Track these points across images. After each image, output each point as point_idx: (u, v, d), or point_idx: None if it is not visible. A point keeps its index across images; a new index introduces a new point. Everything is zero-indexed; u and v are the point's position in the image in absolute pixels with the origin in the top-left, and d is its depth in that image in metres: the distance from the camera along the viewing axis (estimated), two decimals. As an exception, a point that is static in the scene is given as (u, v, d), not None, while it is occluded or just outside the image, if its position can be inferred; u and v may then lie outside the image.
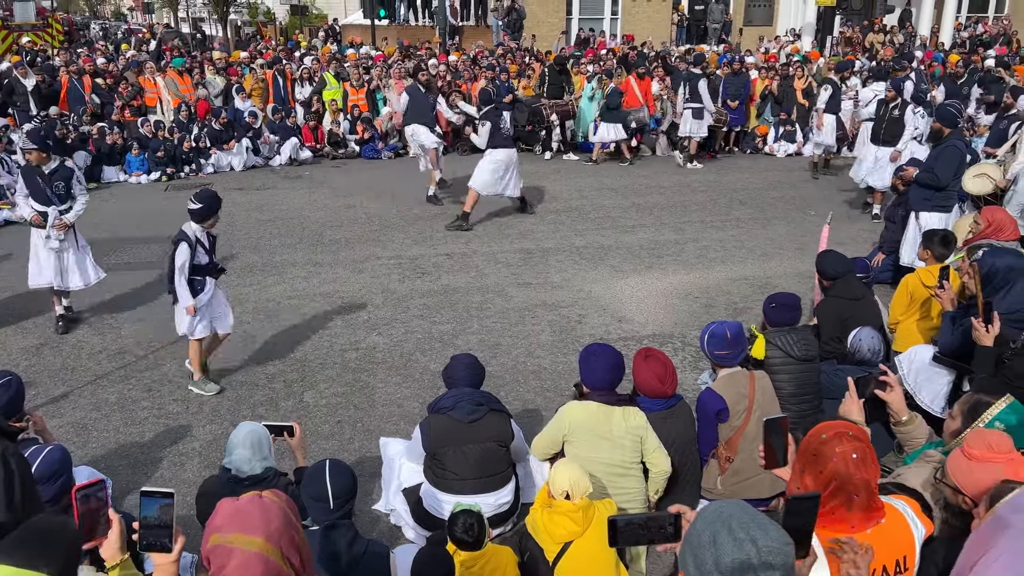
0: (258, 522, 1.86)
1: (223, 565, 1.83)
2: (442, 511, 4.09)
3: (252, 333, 7.00)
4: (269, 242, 9.68)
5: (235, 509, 1.90)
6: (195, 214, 5.74)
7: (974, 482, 2.40)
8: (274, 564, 1.84)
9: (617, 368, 4.12)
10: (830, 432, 2.22)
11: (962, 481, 2.46)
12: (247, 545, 1.83)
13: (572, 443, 4.04)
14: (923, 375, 4.70)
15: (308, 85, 15.35)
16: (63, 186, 6.82)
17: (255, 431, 3.71)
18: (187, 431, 5.46)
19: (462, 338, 6.88)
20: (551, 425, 4.17)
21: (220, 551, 1.85)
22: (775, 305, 4.85)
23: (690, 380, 5.95)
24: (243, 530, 1.85)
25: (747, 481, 4.32)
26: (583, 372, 4.18)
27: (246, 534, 1.85)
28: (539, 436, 4.27)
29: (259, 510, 1.89)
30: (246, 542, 1.84)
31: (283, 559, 1.86)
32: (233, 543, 1.84)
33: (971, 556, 2.15)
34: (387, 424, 5.49)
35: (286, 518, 1.91)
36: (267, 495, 1.96)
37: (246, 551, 1.82)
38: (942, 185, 7.09)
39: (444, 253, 9.19)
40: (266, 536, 1.85)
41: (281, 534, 1.87)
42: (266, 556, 1.84)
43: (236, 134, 13.63)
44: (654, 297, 7.85)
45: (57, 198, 6.80)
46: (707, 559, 1.50)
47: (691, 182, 12.79)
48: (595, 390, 4.11)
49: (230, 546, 1.84)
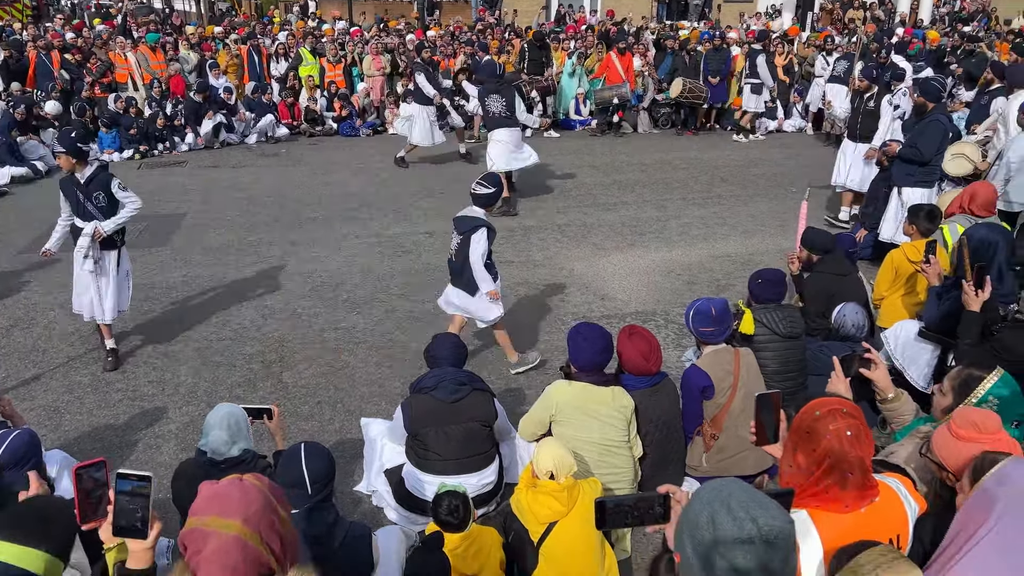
0: (236, 505, 1.78)
1: (199, 549, 1.75)
2: (424, 492, 4.03)
3: (229, 313, 6.87)
4: (245, 221, 9.51)
5: (213, 492, 1.82)
6: (487, 199, 5.48)
7: (958, 460, 2.38)
8: (252, 549, 1.77)
9: (606, 350, 4.06)
10: (824, 409, 2.16)
11: (946, 458, 2.44)
12: (224, 528, 1.75)
13: (560, 422, 3.98)
14: (909, 350, 4.69)
15: (284, 61, 15.06)
16: (103, 196, 5.62)
17: (232, 413, 3.61)
18: (163, 413, 5.34)
19: (445, 317, 6.76)
20: (537, 405, 4.10)
21: (196, 534, 1.77)
22: (761, 281, 4.81)
23: (673, 357, 5.91)
24: (220, 513, 1.77)
25: (732, 458, 4.29)
26: (572, 352, 4.11)
27: (223, 517, 1.77)
28: (525, 417, 4.20)
29: (238, 493, 1.81)
30: (223, 525, 1.76)
31: (262, 544, 1.79)
32: (209, 526, 1.76)
33: (960, 531, 2.12)
34: (368, 404, 5.41)
35: (266, 502, 1.83)
36: (248, 478, 1.88)
37: (223, 535, 1.75)
38: (925, 160, 7.07)
39: (425, 231, 9.07)
40: (244, 519, 1.77)
41: (260, 518, 1.79)
42: (244, 540, 1.76)
43: (211, 110, 13.35)
44: (636, 275, 7.80)
45: (99, 211, 5.62)
46: (705, 540, 1.44)
47: (672, 159, 12.73)
48: (583, 371, 4.05)
49: (207, 529, 1.76)
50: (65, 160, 5.53)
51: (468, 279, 5.49)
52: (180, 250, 8.49)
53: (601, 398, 3.95)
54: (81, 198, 5.59)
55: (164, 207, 10.03)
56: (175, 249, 8.52)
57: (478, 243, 5.38)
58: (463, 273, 5.50)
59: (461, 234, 5.47)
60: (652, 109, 15.11)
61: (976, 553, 2.04)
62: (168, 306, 7.04)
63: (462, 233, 5.46)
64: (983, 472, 2.15)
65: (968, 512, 2.14)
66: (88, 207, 5.59)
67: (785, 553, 1.42)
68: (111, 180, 5.65)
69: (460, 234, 5.48)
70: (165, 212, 9.81)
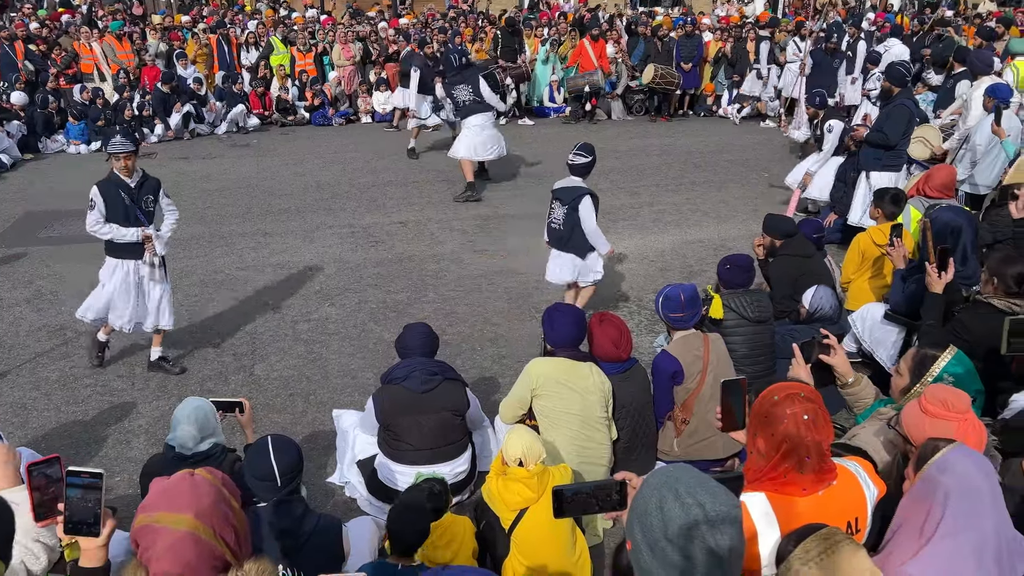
0: (187, 500, 1.76)
1: (149, 546, 1.73)
2: (397, 482, 4.03)
3: (199, 306, 6.80)
4: (216, 212, 9.41)
5: (163, 488, 1.81)
6: (584, 168, 5.70)
7: (923, 435, 2.41)
8: (206, 543, 1.75)
9: (580, 324, 4.14)
10: (782, 394, 2.19)
11: (913, 433, 2.47)
12: (175, 524, 1.74)
13: (541, 396, 4.00)
14: (876, 332, 4.75)
15: (254, 50, 14.87)
16: (152, 200, 5.36)
17: (201, 407, 3.58)
18: (132, 408, 5.29)
19: (417, 307, 6.78)
20: (517, 383, 4.12)
21: (147, 531, 1.75)
22: (729, 266, 4.85)
23: (646, 343, 5.94)
24: (171, 508, 1.75)
25: (703, 442, 4.33)
26: (547, 330, 4.17)
27: (174, 512, 1.75)
28: (505, 400, 4.21)
29: (188, 487, 1.79)
30: (174, 521, 1.74)
31: (216, 537, 1.77)
32: (160, 522, 1.75)
33: (906, 516, 2.17)
34: (341, 396, 5.39)
35: (219, 495, 1.82)
36: (199, 472, 1.86)
37: (174, 530, 1.73)
38: (891, 144, 7.14)
39: (398, 221, 9.03)
40: (196, 514, 1.76)
41: (213, 512, 1.78)
42: (197, 535, 1.75)
43: (180, 101, 13.17)
44: (610, 261, 7.80)
45: (147, 217, 5.33)
46: (654, 526, 1.45)
47: (646, 146, 12.75)
48: (560, 347, 4.08)
49: (157, 526, 1.74)
50: (131, 161, 5.17)
51: (578, 243, 5.81)
52: (150, 243, 8.36)
53: (580, 372, 4.00)
54: (129, 202, 5.23)
55: (133, 200, 9.89)
56: (144, 242, 8.39)
57: (588, 210, 5.68)
58: (572, 239, 5.80)
59: (566, 204, 5.74)
60: (626, 96, 15.12)
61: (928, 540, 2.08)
62: (137, 300, 6.94)
63: (567, 203, 5.74)
64: (926, 460, 2.19)
65: (912, 499, 2.18)
66: (137, 212, 5.28)
67: (732, 537, 1.44)
68: (160, 185, 5.44)
69: (565, 204, 5.76)
70: (134, 205, 9.67)
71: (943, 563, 2.05)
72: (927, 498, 2.13)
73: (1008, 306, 3.85)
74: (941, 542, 2.06)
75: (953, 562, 2.05)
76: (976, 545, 2.05)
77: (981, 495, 2.09)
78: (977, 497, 2.09)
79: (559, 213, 5.81)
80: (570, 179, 5.83)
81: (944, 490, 2.09)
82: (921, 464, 2.18)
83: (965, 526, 2.06)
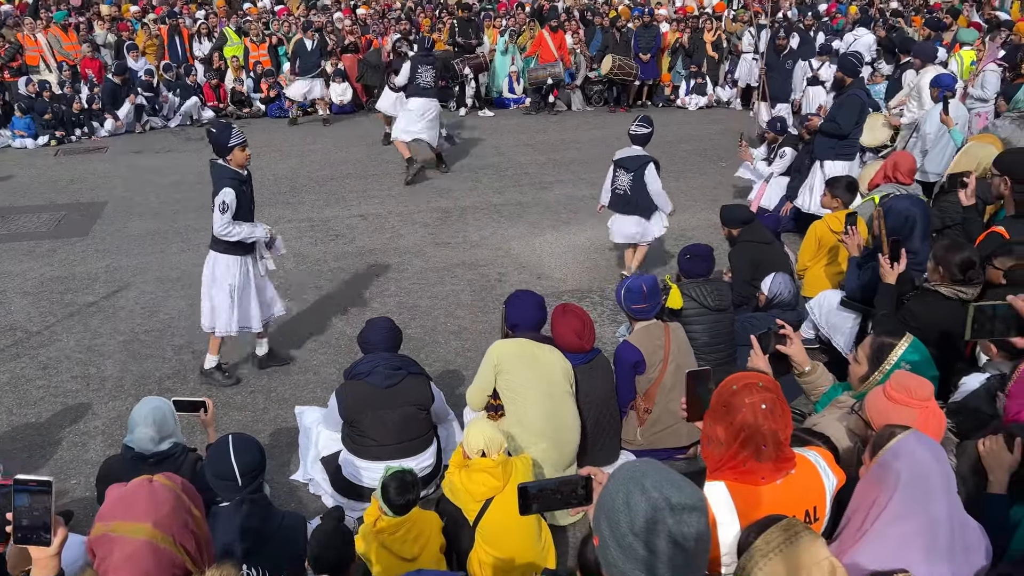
0: (145, 508, 1.72)
1: (106, 556, 1.68)
2: (361, 478, 4.01)
3: (156, 303, 6.67)
4: (171, 207, 9.22)
5: (120, 495, 1.76)
6: (645, 137, 6.31)
7: (886, 422, 2.45)
8: (165, 552, 1.71)
9: (542, 307, 4.20)
10: (740, 383, 2.21)
11: (875, 419, 2.52)
12: (132, 533, 1.69)
13: (504, 372, 4.01)
14: (833, 319, 4.84)
15: (207, 41, 14.57)
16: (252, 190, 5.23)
17: (159, 408, 3.52)
18: (88, 409, 5.17)
19: (379, 301, 6.73)
20: (481, 366, 4.13)
21: (103, 541, 1.70)
22: (689, 256, 4.90)
23: (608, 334, 5.98)
24: (128, 517, 1.71)
25: (666, 430, 4.38)
26: (510, 312, 4.21)
27: (131, 521, 1.71)
28: (471, 386, 4.20)
29: (146, 495, 1.75)
30: (131, 529, 1.70)
31: (175, 545, 1.73)
32: (116, 531, 1.70)
33: (860, 503, 2.22)
34: (303, 392, 5.33)
35: (178, 502, 1.77)
36: (158, 479, 1.82)
37: (132, 540, 1.68)
38: (844, 133, 7.28)
39: (358, 214, 8.95)
40: (154, 522, 1.71)
41: (172, 519, 1.74)
42: (156, 544, 1.70)
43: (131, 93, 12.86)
44: (572, 252, 7.85)
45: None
46: (621, 522, 1.46)
47: (606, 136, 12.78)
48: (521, 329, 4.12)
49: (114, 535, 1.69)
50: (245, 154, 4.96)
51: (645, 206, 6.52)
52: (102, 239, 8.19)
53: (542, 349, 4.04)
54: (248, 196, 5.06)
55: (84, 195, 9.66)
56: (96, 239, 8.22)
57: (653, 175, 6.38)
58: (638, 203, 6.49)
59: (631, 172, 6.45)
60: (585, 87, 15.15)
61: (873, 526, 2.13)
62: (91, 298, 6.79)
63: (632, 171, 6.44)
64: (882, 446, 2.24)
65: (867, 485, 2.23)
66: (251, 205, 5.10)
67: (697, 529, 1.46)
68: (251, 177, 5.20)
69: (630, 172, 6.46)
70: (85, 200, 9.45)
71: (889, 549, 2.09)
72: (879, 484, 2.18)
73: (954, 293, 3.95)
74: (888, 528, 2.11)
75: (899, 548, 2.09)
76: (924, 531, 2.09)
77: (932, 480, 2.14)
78: (928, 483, 2.13)
79: (624, 180, 6.50)
80: (632, 148, 6.58)
81: (895, 475, 2.14)
82: (877, 450, 2.23)
83: (913, 511, 2.10)
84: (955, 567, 2.14)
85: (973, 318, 2.14)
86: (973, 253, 3.99)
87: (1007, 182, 4.34)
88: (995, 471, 2.53)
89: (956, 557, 2.15)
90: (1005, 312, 2.14)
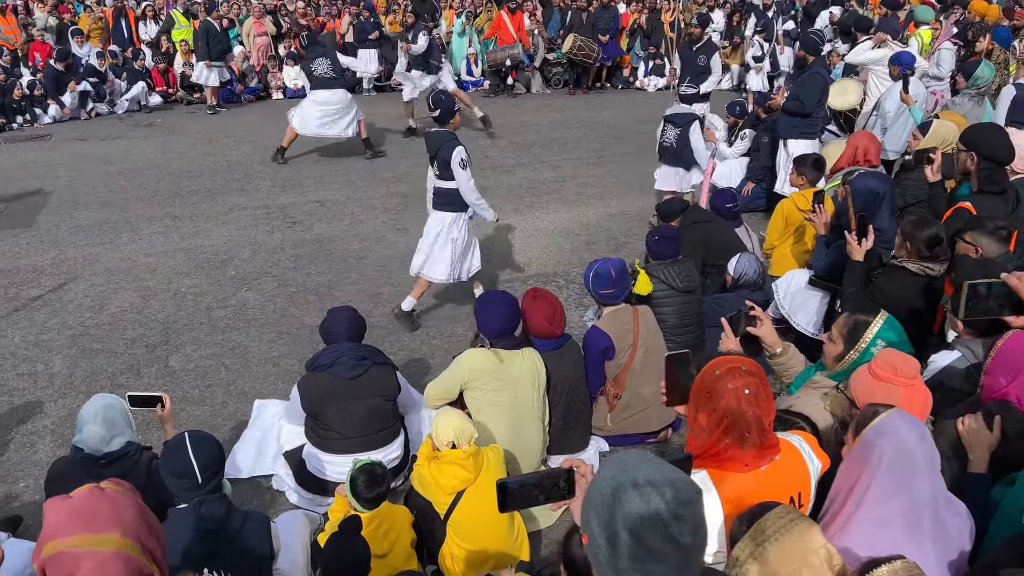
0: (108, 516, 1.57)
1: (70, 574, 1.53)
2: (326, 473, 3.88)
3: (107, 296, 6.42)
4: (120, 196, 8.90)
5: (71, 508, 1.59)
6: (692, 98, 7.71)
7: (871, 399, 2.41)
8: (136, 561, 1.56)
9: (513, 314, 3.99)
10: (723, 368, 2.15)
11: (860, 397, 2.48)
12: (99, 545, 1.53)
13: (474, 390, 3.87)
14: (799, 298, 4.82)
15: (154, 24, 14.10)
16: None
17: (110, 405, 3.34)
18: (36, 408, 4.94)
19: (340, 289, 6.57)
20: (448, 373, 3.98)
21: (62, 559, 1.53)
22: (658, 238, 4.84)
23: (575, 318, 5.90)
24: (89, 530, 1.55)
25: (636, 416, 4.33)
26: (480, 322, 4.01)
27: (94, 534, 1.55)
28: (434, 384, 4.05)
29: (106, 503, 1.59)
30: (97, 542, 1.54)
31: (144, 553, 1.59)
32: (79, 546, 1.53)
33: (844, 482, 2.17)
34: (263, 385, 5.16)
35: (139, 507, 1.63)
36: (107, 486, 1.66)
37: (99, 552, 1.53)
38: (807, 112, 7.28)
39: (316, 200, 8.73)
40: (122, 531, 1.56)
41: (138, 525, 1.59)
42: (126, 554, 1.55)
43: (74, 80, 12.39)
44: (536, 236, 7.76)
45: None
46: (613, 519, 1.37)
47: (566, 119, 12.72)
48: (494, 337, 3.96)
49: (77, 551, 1.53)
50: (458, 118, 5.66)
51: (687, 159, 7.13)
52: (47, 231, 7.87)
53: (513, 362, 3.89)
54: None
55: (27, 184, 9.28)
56: (42, 230, 7.89)
57: (696, 133, 7.03)
58: (682, 155, 7.12)
59: (679, 127, 7.05)
60: (544, 69, 15.03)
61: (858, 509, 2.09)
62: (37, 292, 6.50)
63: (679, 126, 7.05)
64: (865, 424, 2.19)
65: (850, 465, 2.19)
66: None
67: (694, 527, 1.37)
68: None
69: (677, 127, 7.06)
70: (29, 190, 9.07)
71: (871, 532, 2.05)
72: (862, 463, 2.13)
73: (922, 269, 3.95)
74: (870, 510, 2.07)
75: (881, 529, 2.05)
76: (907, 510, 2.06)
77: (916, 459, 2.10)
78: (912, 461, 2.10)
79: (671, 134, 7.12)
80: (680, 106, 7.62)
81: (879, 454, 2.10)
82: (860, 429, 2.18)
83: (897, 490, 2.06)
84: (939, 547, 2.10)
85: (967, 296, 2.10)
86: (940, 229, 3.99)
87: (973, 157, 4.34)
88: (975, 450, 2.51)
89: (940, 537, 2.12)
90: (999, 290, 2.10)
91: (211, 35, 12.45)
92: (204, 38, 12.43)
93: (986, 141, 4.31)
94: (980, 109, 6.56)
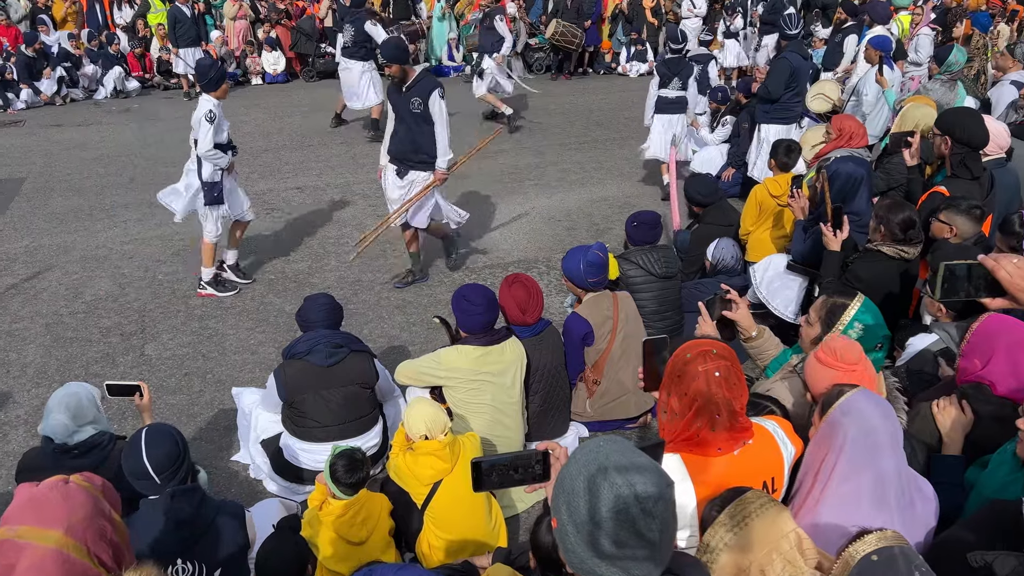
0: (56, 512, 1.54)
1: (11, 564, 1.50)
2: (303, 461, 3.86)
3: (81, 284, 6.33)
4: (96, 183, 8.77)
5: (30, 496, 1.57)
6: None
7: (818, 384, 2.44)
8: (77, 563, 1.53)
9: (491, 308, 3.90)
10: (694, 351, 2.14)
11: (810, 381, 2.50)
12: (41, 540, 1.51)
13: (452, 388, 3.84)
14: (776, 283, 4.83)
15: (129, 8, 13.86)
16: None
17: (75, 393, 3.28)
18: (8, 398, 4.87)
19: (318, 276, 6.51)
20: (425, 363, 3.92)
21: (7, 546, 1.52)
22: (637, 224, 4.82)
23: (556, 304, 5.90)
24: (37, 522, 1.52)
25: (615, 402, 4.33)
26: (458, 318, 3.94)
27: (40, 527, 1.52)
28: (410, 363, 4.00)
29: (60, 498, 1.56)
30: (40, 536, 1.51)
31: (89, 556, 1.55)
32: (23, 537, 1.51)
33: (812, 462, 2.18)
34: (241, 373, 5.12)
35: (95, 507, 1.59)
36: (75, 480, 1.63)
37: (39, 547, 1.50)
38: (773, 98, 7.27)
39: (295, 187, 8.65)
40: (66, 529, 1.53)
41: (87, 526, 1.56)
42: (66, 553, 1.52)
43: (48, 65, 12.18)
44: (518, 222, 7.73)
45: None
46: (583, 507, 1.35)
47: (547, 105, 12.66)
48: (473, 333, 3.90)
49: (20, 541, 1.51)
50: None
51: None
52: (21, 218, 7.74)
53: (492, 358, 3.83)
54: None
55: (0, 172, 9.11)
56: (15, 217, 7.77)
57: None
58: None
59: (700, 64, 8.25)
60: (526, 54, 14.94)
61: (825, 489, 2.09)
62: (10, 280, 6.40)
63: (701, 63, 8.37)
64: (831, 404, 2.20)
65: (816, 445, 2.19)
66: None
67: (663, 519, 1.36)
68: None
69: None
70: (1, 177, 8.91)
71: (839, 508, 2.06)
72: (827, 442, 2.14)
73: (896, 252, 3.96)
74: (838, 487, 2.08)
75: (847, 506, 2.06)
76: (874, 485, 2.07)
77: (879, 437, 2.11)
78: (875, 439, 2.10)
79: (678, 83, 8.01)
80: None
81: (843, 432, 2.11)
82: (826, 409, 2.19)
83: (862, 466, 2.07)
84: (904, 520, 2.11)
85: (944, 278, 2.09)
86: (913, 213, 4.00)
87: (947, 142, 4.34)
88: (950, 432, 2.52)
89: (905, 511, 2.13)
90: (976, 271, 2.09)
91: (178, 21, 12.24)
92: (171, 25, 12.25)
93: (961, 125, 4.31)
94: (952, 94, 6.56)
